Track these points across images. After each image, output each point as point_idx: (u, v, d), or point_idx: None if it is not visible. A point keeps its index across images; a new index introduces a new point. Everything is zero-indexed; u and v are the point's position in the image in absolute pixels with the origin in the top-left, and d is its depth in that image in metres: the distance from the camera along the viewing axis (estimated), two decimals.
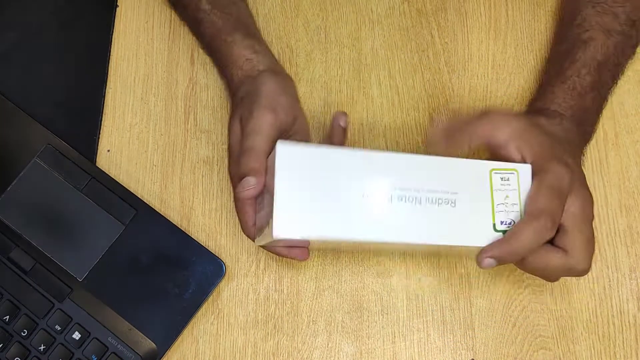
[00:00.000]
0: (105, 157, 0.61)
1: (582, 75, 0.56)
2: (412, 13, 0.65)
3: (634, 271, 0.58)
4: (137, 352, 0.55)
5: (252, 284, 0.58)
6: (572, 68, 0.56)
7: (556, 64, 0.58)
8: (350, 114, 0.62)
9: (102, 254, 0.57)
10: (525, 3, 0.65)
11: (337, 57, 0.64)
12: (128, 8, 0.66)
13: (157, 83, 0.64)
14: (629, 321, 0.56)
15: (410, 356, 0.56)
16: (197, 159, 0.61)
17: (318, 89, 0.63)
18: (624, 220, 0.58)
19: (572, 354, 0.56)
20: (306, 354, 0.57)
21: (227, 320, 0.57)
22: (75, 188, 0.59)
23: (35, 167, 0.59)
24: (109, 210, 0.58)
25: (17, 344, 0.56)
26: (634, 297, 0.57)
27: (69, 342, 0.56)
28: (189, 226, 0.59)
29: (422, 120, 0.62)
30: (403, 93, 0.63)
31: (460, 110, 0.62)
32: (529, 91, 0.62)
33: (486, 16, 0.65)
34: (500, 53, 0.64)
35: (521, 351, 0.56)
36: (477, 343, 0.56)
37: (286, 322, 0.57)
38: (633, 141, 0.61)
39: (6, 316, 0.56)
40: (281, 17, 0.65)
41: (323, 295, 0.58)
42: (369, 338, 0.57)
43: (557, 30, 0.63)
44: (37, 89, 0.63)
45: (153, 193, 0.60)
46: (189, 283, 0.57)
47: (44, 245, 0.58)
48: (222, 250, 0.59)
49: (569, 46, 0.58)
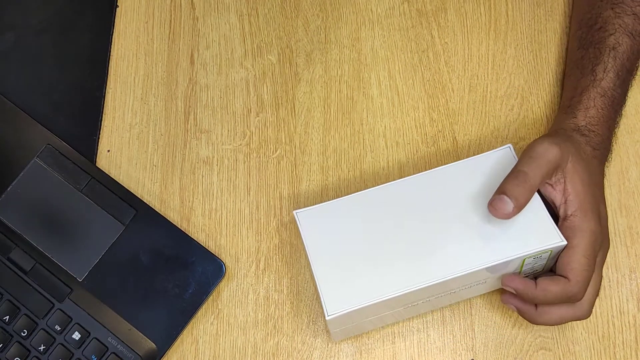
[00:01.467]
0: (105, 157, 0.61)
1: (616, 87, 0.55)
2: (412, 13, 0.65)
3: (634, 271, 0.58)
4: (137, 352, 0.55)
5: (252, 284, 0.58)
6: (607, 79, 0.55)
7: (587, 70, 0.57)
8: (350, 114, 0.62)
9: (102, 254, 0.57)
10: (525, 3, 0.65)
11: (337, 57, 0.64)
12: (128, 8, 0.66)
13: (157, 83, 0.64)
14: (629, 321, 0.56)
15: (410, 356, 0.56)
16: (197, 159, 0.61)
17: (318, 89, 0.63)
18: (624, 220, 0.58)
19: (572, 354, 0.56)
20: (306, 354, 0.57)
21: (227, 320, 0.57)
22: (75, 188, 0.59)
23: (35, 167, 0.59)
24: (109, 211, 0.58)
25: (17, 344, 0.56)
26: (634, 297, 0.57)
27: (69, 342, 0.56)
28: (189, 226, 0.59)
29: (422, 120, 0.62)
30: (403, 93, 0.63)
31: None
32: (529, 91, 0.62)
33: (486, 16, 0.65)
34: (500, 53, 0.64)
35: (521, 351, 0.56)
36: (477, 343, 0.56)
37: (286, 322, 0.57)
38: (633, 141, 0.61)
39: (6, 316, 0.56)
40: (281, 17, 0.65)
41: None
42: (369, 338, 0.57)
43: (576, 33, 0.61)
44: (37, 89, 0.63)
45: (153, 193, 0.60)
46: (189, 283, 0.57)
47: (44, 245, 0.58)
48: (222, 250, 0.59)
49: (597, 52, 0.56)
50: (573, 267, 0.49)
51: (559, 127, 0.55)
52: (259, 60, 0.64)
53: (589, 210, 0.50)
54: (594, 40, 0.57)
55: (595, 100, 0.55)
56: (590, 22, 0.58)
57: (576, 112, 0.55)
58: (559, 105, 0.60)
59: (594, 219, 0.50)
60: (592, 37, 0.57)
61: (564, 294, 0.49)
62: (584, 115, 0.55)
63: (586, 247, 0.49)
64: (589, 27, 0.58)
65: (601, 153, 0.54)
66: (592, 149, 0.53)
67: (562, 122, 0.55)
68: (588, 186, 0.50)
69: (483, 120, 0.62)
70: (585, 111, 0.55)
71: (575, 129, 0.54)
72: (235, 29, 0.65)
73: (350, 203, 0.52)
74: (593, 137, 0.54)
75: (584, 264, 0.49)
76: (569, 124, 0.55)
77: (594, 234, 0.49)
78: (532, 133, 0.61)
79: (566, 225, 0.50)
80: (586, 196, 0.50)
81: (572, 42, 0.61)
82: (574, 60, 0.59)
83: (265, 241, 0.59)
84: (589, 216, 0.50)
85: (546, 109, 0.62)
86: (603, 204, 0.53)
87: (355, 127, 0.62)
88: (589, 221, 0.49)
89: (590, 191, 0.51)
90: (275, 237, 0.59)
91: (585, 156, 0.52)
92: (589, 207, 0.50)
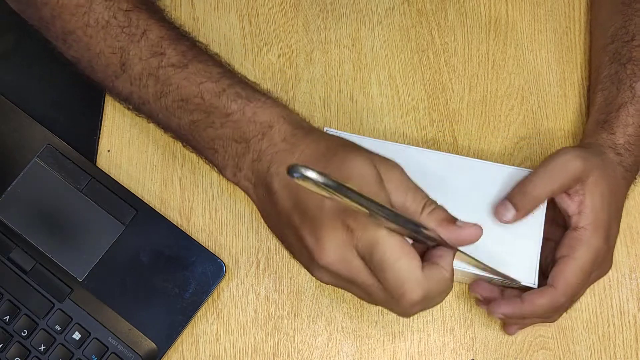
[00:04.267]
0: (105, 157, 0.61)
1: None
2: (412, 13, 0.65)
3: (634, 271, 0.58)
4: (137, 352, 0.55)
5: (252, 284, 0.58)
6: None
7: (624, 86, 0.55)
8: (350, 114, 0.62)
9: (102, 254, 0.57)
10: (525, 3, 0.65)
11: (337, 57, 0.64)
12: None
13: None
14: (629, 321, 0.56)
15: (410, 356, 0.56)
16: (197, 159, 0.61)
17: (318, 89, 0.63)
18: (624, 220, 0.58)
19: (572, 354, 0.56)
20: (306, 354, 0.57)
21: (227, 320, 0.57)
22: (75, 188, 0.59)
23: (35, 167, 0.59)
24: (109, 211, 0.58)
25: (17, 344, 0.56)
26: (634, 297, 0.57)
27: (69, 342, 0.56)
28: (189, 226, 0.59)
29: (422, 120, 0.62)
30: (403, 93, 0.63)
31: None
32: (529, 91, 0.62)
33: (486, 16, 0.65)
34: (500, 53, 0.64)
35: (521, 351, 0.56)
36: (477, 343, 0.56)
37: (286, 322, 0.57)
38: None
39: (6, 316, 0.56)
40: (281, 17, 0.65)
41: (323, 295, 0.58)
42: (369, 338, 0.57)
43: (607, 47, 0.58)
44: (37, 89, 0.63)
45: (153, 193, 0.60)
46: (189, 283, 0.57)
47: (44, 245, 0.58)
48: (222, 250, 0.59)
49: (635, 69, 0.55)
50: (567, 277, 0.49)
51: (593, 141, 0.54)
52: (259, 60, 0.64)
53: (600, 227, 0.49)
54: (633, 57, 0.55)
55: (634, 117, 0.54)
56: (627, 37, 0.56)
57: (614, 128, 0.54)
58: (588, 118, 0.58)
59: (604, 237, 0.50)
60: (631, 53, 0.56)
61: (551, 305, 0.49)
62: (622, 132, 0.53)
63: (586, 262, 0.49)
64: (625, 42, 0.56)
65: (631, 175, 0.54)
66: (624, 170, 0.53)
67: (596, 136, 0.54)
68: (608, 204, 0.50)
69: (483, 120, 0.62)
70: (624, 128, 0.53)
71: (611, 146, 0.53)
72: (235, 29, 0.65)
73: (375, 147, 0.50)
74: (627, 157, 0.53)
75: (579, 277, 0.49)
76: (606, 140, 0.53)
77: (598, 252, 0.49)
78: (532, 133, 0.61)
79: (574, 235, 0.49)
80: (602, 213, 0.50)
81: (601, 54, 0.59)
82: (605, 74, 0.57)
83: (266, 241, 0.59)
84: (599, 233, 0.49)
85: (546, 109, 0.62)
86: (617, 225, 0.52)
87: (355, 127, 0.62)
88: (598, 238, 0.49)
89: (608, 209, 0.50)
90: (275, 237, 0.59)
91: (614, 174, 0.51)
92: (601, 225, 0.50)
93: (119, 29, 0.50)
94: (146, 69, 0.50)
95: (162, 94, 0.50)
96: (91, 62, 0.52)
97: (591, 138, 0.54)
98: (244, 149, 0.49)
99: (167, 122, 0.52)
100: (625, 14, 0.58)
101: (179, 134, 0.53)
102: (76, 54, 0.53)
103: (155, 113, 0.52)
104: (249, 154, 0.49)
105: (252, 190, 0.50)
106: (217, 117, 0.49)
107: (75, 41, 0.52)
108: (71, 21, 0.51)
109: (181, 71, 0.50)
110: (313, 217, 0.44)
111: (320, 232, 0.43)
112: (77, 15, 0.51)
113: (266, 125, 0.49)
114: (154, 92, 0.51)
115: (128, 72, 0.51)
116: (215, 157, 0.51)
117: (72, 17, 0.51)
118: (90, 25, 0.50)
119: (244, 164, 0.49)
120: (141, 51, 0.50)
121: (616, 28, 0.58)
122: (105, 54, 0.51)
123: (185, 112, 0.50)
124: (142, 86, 0.51)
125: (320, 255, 0.43)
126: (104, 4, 0.50)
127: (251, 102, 0.49)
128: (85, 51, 0.52)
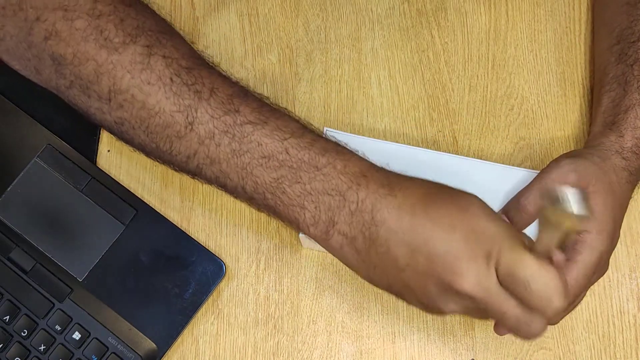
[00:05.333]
0: (105, 157, 0.61)
1: None
2: (412, 13, 0.65)
3: (634, 271, 0.58)
4: (137, 352, 0.55)
5: (252, 284, 0.58)
6: None
7: (632, 88, 0.55)
8: (350, 114, 0.62)
9: (102, 254, 0.57)
10: (525, 3, 0.65)
11: (337, 57, 0.64)
12: None
13: None
14: (629, 321, 0.56)
15: (410, 356, 0.56)
16: None
17: (318, 89, 0.63)
18: (624, 220, 0.58)
19: (572, 354, 0.56)
20: (306, 354, 0.57)
21: (227, 320, 0.57)
22: (75, 188, 0.59)
23: (35, 167, 0.59)
24: (109, 210, 0.58)
25: (17, 344, 0.56)
26: (634, 297, 0.57)
27: (69, 342, 0.56)
28: (189, 226, 0.59)
29: (422, 120, 0.62)
30: (403, 93, 0.63)
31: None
32: (529, 91, 0.62)
33: (486, 16, 0.65)
34: (500, 53, 0.64)
35: (521, 351, 0.56)
36: (477, 343, 0.56)
37: (286, 322, 0.57)
38: None
39: (6, 316, 0.56)
40: (281, 17, 0.65)
41: (323, 295, 0.58)
42: (369, 338, 0.57)
43: (612, 47, 0.58)
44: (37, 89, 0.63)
45: (153, 193, 0.60)
46: (189, 283, 0.57)
47: (44, 245, 0.58)
48: (222, 250, 0.59)
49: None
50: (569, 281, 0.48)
51: (600, 144, 0.53)
52: (259, 60, 0.64)
53: (604, 232, 0.49)
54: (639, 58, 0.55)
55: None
56: (633, 38, 0.56)
57: (623, 131, 0.53)
58: (593, 119, 0.58)
59: (607, 241, 0.49)
60: (637, 54, 0.55)
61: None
62: (631, 135, 0.53)
63: (589, 266, 0.49)
64: (631, 43, 0.56)
65: (636, 179, 0.53)
66: (629, 174, 0.52)
67: (604, 138, 0.54)
68: (611, 209, 0.50)
69: (483, 120, 0.62)
70: (632, 131, 0.53)
71: (619, 150, 0.53)
72: (235, 29, 0.65)
73: (373, 147, 0.50)
74: (634, 161, 0.53)
75: (580, 280, 0.49)
76: (614, 144, 0.53)
77: (601, 256, 0.49)
78: (532, 133, 0.61)
79: (577, 239, 0.49)
80: (605, 218, 0.50)
81: (606, 55, 0.59)
82: (612, 75, 0.57)
83: (266, 241, 0.59)
84: (603, 237, 0.49)
85: (546, 109, 0.62)
86: (619, 228, 0.52)
87: (355, 127, 0.62)
88: (602, 242, 0.49)
89: (611, 214, 0.50)
90: (275, 237, 0.59)
91: (617, 179, 0.51)
92: (605, 229, 0.49)
93: (184, 87, 0.47)
94: (219, 127, 0.47)
95: (239, 152, 0.47)
96: (144, 122, 0.48)
97: (598, 141, 0.54)
98: (340, 202, 0.46)
99: (240, 183, 0.49)
100: (630, 14, 0.57)
101: (254, 194, 0.49)
102: (125, 115, 0.49)
103: (225, 173, 0.48)
104: (345, 206, 0.46)
105: (348, 244, 0.47)
106: (306, 171, 0.47)
107: (126, 100, 0.48)
108: (124, 78, 0.47)
109: (261, 128, 0.47)
110: (446, 251, 0.43)
111: (457, 263, 0.43)
112: (133, 72, 0.47)
113: (360, 176, 0.47)
114: (229, 151, 0.48)
115: (196, 130, 0.47)
116: (303, 214, 0.48)
117: (127, 74, 0.47)
118: (151, 83, 0.47)
119: (340, 217, 0.47)
120: (212, 109, 0.47)
121: (622, 28, 0.58)
122: (166, 112, 0.48)
123: (267, 170, 0.47)
124: (214, 145, 0.48)
125: (461, 283, 0.43)
126: (163, 61, 0.47)
127: (339, 154, 0.47)
128: (139, 110, 0.48)
